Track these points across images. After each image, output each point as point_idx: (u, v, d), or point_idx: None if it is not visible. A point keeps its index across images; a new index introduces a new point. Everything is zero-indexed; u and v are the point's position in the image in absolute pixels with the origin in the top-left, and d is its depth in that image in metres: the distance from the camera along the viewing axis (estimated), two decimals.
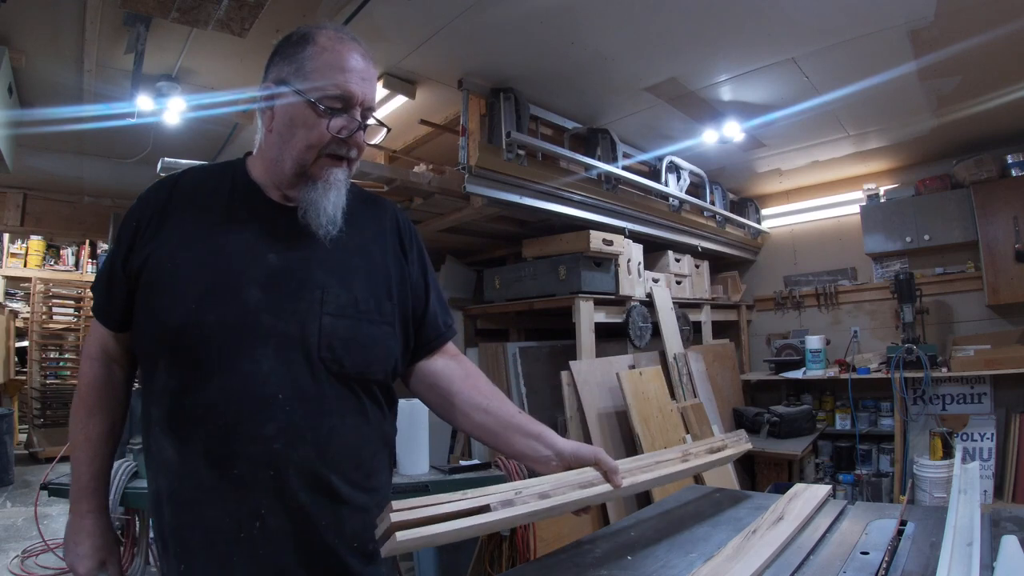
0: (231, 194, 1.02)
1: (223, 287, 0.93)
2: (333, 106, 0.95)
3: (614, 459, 1.02)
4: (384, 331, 1.02)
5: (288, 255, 0.97)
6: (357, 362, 0.97)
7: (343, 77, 0.95)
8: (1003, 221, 3.83)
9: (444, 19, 2.31)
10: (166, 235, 0.97)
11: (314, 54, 0.96)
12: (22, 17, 2.34)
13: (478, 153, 2.63)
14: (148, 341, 0.96)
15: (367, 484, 1.00)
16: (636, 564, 0.95)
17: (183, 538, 0.93)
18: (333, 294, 0.97)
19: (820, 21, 2.42)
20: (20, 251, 5.95)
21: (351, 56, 0.97)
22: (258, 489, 0.90)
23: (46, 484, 1.92)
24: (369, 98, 0.99)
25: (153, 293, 0.95)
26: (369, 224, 1.08)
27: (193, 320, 0.91)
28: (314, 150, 0.96)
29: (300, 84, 0.95)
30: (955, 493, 1.14)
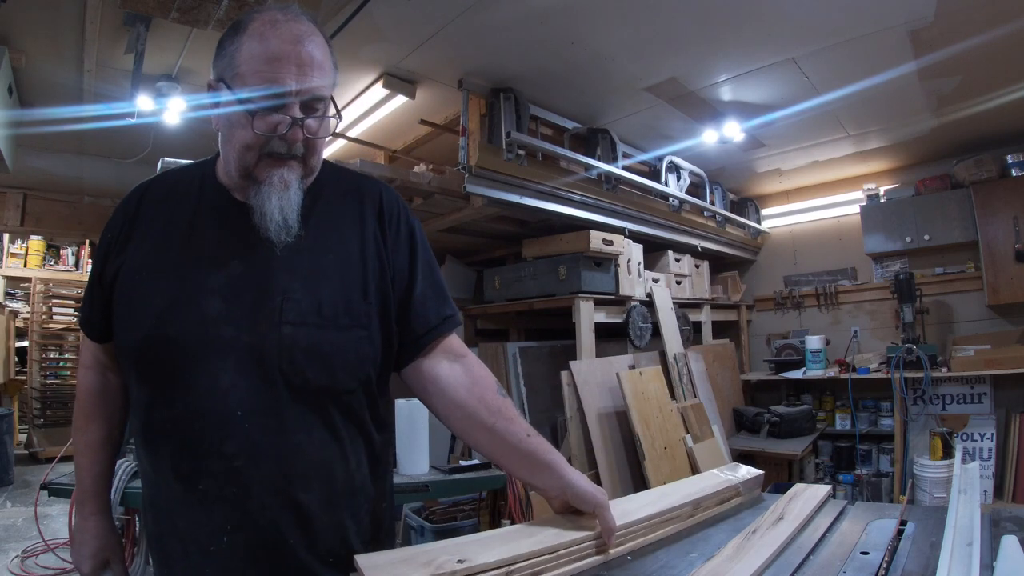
0: (198, 198, 0.96)
1: (184, 299, 0.89)
2: (263, 103, 0.86)
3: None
4: (354, 336, 0.93)
5: (251, 260, 0.91)
6: (321, 374, 0.90)
7: (272, 67, 0.85)
8: (1003, 221, 3.83)
9: (444, 19, 2.31)
10: (134, 246, 0.94)
11: (242, 44, 0.87)
12: (22, 17, 2.34)
13: (478, 153, 2.63)
14: (120, 353, 0.96)
15: (344, 502, 0.95)
16: (636, 564, 0.95)
17: (163, 545, 0.93)
18: (294, 300, 0.89)
19: (820, 21, 2.42)
20: (20, 251, 5.95)
21: (284, 42, 0.86)
22: (224, 505, 0.87)
23: (46, 484, 1.92)
24: (310, 87, 0.87)
25: (121, 307, 0.93)
26: (347, 215, 1.00)
27: (154, 334, 0.88)
28: (252, 151, 0.89)
29: (232, 80, 0.87)
30: (955, 493, 1.14)
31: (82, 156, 4.06)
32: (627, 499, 1.09)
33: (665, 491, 1.15)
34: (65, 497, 1.84)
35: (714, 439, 3.34)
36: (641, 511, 1.01)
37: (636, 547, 0.97)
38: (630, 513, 1.00)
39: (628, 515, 0.99)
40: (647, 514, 1.01)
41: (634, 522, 0.98)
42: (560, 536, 0.89)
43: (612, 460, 2.81)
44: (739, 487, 1.22)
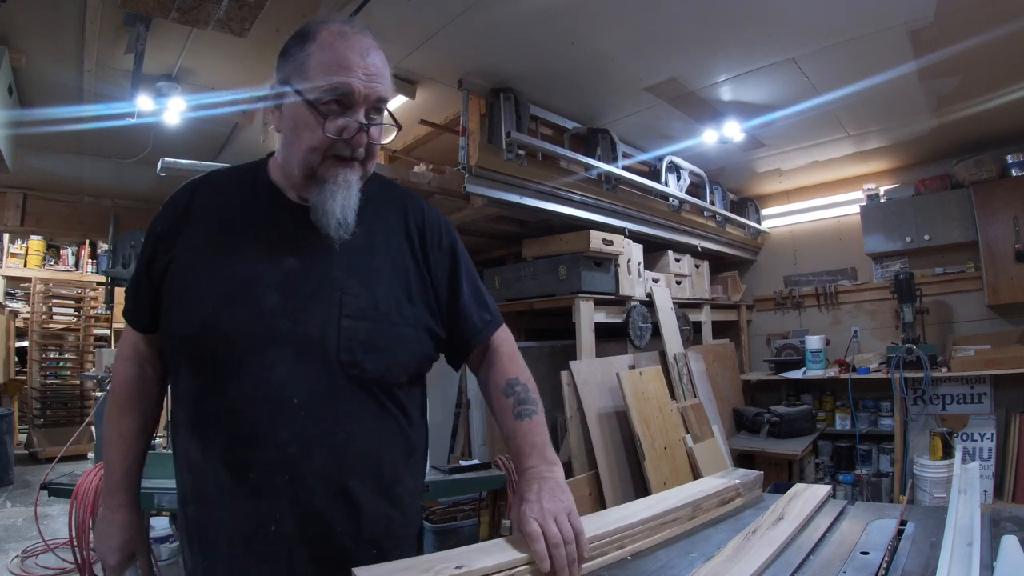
0: (251, 197, 1.01)
1: (240, 292, 0.92)
2: (331, 108, 0.92)
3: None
4: (406, 332, 0.99)
5: (307, 257, 0.95)
6: (377, 365, 0.95)
7: (342, 76, 0.91)
8: (1003, 221, 3.83)
9: (444, 19, 2.31)
10: (185, 241, 0.97)
11: (314, 51, 0.93)
12: (22, 17, 2.34)
13: (478, 153, 2.63)
14: (170, 344, 0.98)
15: (389, 492, 0.98)
16: (636, 564, 0.95)
17: (206, 535, 0.94)
18: (352, 295, 0.94)
19: (820, 21, 2.42)
20: (20, 251, 5.95)
21: (353, 52, 0.93)
22: (273, 494, 0.89)
23: (46, 484, 1.92)
24: (374, 95, 0.94)
25: (173, 299, 0.95)
26: (394, 222, 1.06)
27: (210, 325, 0.90)
28: (318, 152, 0.93)
29: (300, 84, 0.92)
30: (955, 493, 1.14)
31: (82, 156, 4.06)
32: (626, 506, 1.09)
33: (665, 495, 1.15)
34: (65, 497, 1.84)
35: (714, 439, 3.34)
36: (640, 514, 1.01)
37: (636, 550, 0.97)
38: (628, 516, 1.00)
39: (626, 518, 0.99)
40: (646, 516, 1.01)
41: (633, 524, 0.98)
42: None
43: (612, 460, 2.81)
44: (739, 487, 1.22)
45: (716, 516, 1.14)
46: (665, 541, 1.02)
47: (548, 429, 1.05)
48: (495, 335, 1.12)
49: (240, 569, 0.91)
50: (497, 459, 2.43)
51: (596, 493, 2.72)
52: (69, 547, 1.79)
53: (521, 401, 1.05)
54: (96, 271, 6.11)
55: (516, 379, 1.07)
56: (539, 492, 0.92)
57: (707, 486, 1.19)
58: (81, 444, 4.39)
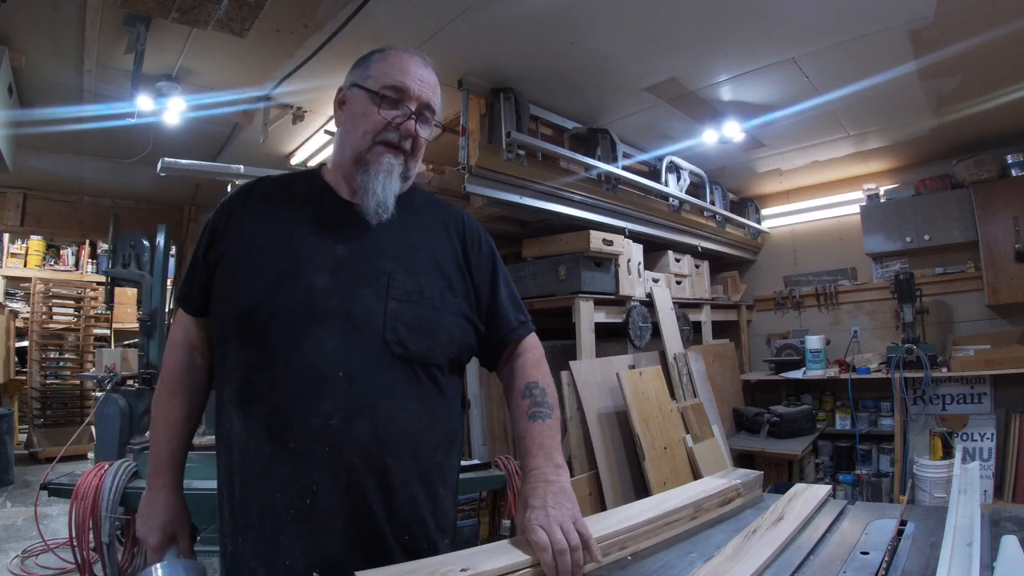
0: (305, 194, 1.10)
1: (292, 272, 0.99)
2: (388, 95, 1.04)
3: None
4: (448, 319, 1.05)
5: (356, 245, 1.03)
6: (420, 346, 1.00)
7: (400, 74, 1.05)
8: (1003, 221, 3.83)
9: (444, 19, 2.31)
10: (240, 232, 1.06)
11: (378, 59, 1.08)
12: (22, 17, 2.34)
13: (478, 153, 2.63)
14: (222, 321, 1.03)
15: (425, 478, 1.01)
16: (636, 564, 0.95)
17: (243, 512, 0.97)
18: (399, 280, 1.01)
19: (820, 21, 2.42)
20: (20, 251, 5.95)
21: (412, 63, 1.08)
22: (312, 464, 0.92)
23: (46, 484, 1.92)
24: (426, 97, 1.07)
25: (228, 279, 1.02)
26: (437, 225, 1.14)
27: (263, 301, 0.97)
28: (369, 136, 1.04)
29: (365, 82, 1.06)
30: (955, 493, 1.14)
31: (82, 156, 4.06)
32: (628, 506, 1.09)
33: (666, 496, 1.15)
34: (65, 497, 1.84)
35: (714, 439, 3.34)
36: (643, 515, 1.01)
37: (637, 550, 0.97)
38: (632, 518, 1.00)
39: (629, 519, 0.99)
40: (649, 517, 1.01)
41: (636, 524, 0.98)
42: None
43: (612, 460, 2.81)
44: (740, 487, 1.22)
45: (717, 516, 1.14)
46: (666, 541, 1.02)
47: None
48: (527, 338, 1.19)
49: (271, 546, 0.93)
50: (497, 459, 2.44)
51: (596, 493, 2.72)
52: (69, 547, 1.79)
53: (537, 404, 1.09)
54: (96, 271, 6.11)
55: (536, 383, 1.13)
56: (544, 498, 0.93)
57: (708, 486, 1.20)
58: (81, 444, 4.39)
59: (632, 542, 0.96)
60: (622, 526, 0.95)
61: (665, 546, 1.00)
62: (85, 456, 4.24)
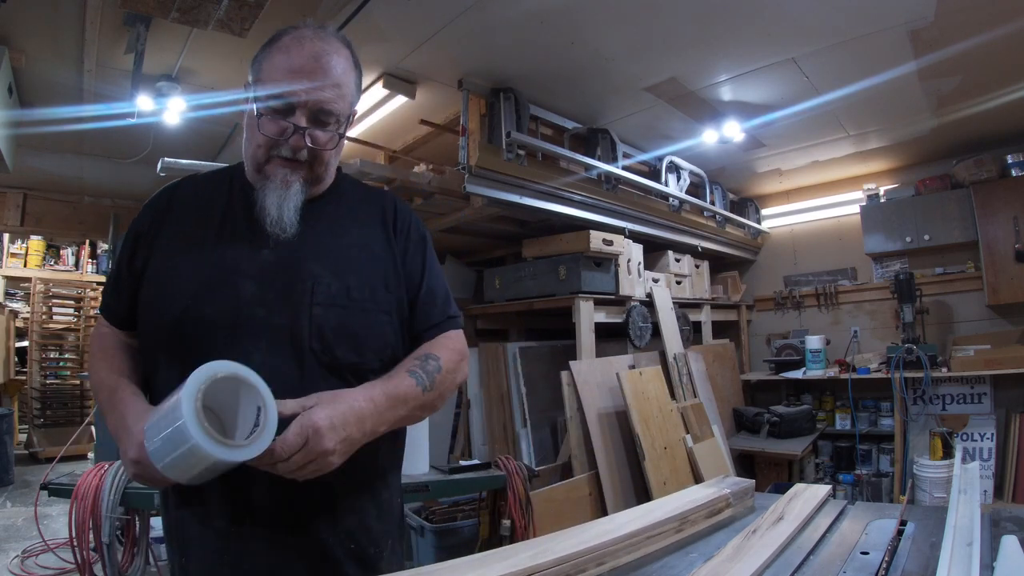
0: (229, 195, 1.04)
1: (218, 282, 0.94)
2: (275, 107, 0.94)
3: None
4: (379, 319, 1.00)
5: (282, 250, 0.97)
6: (349, 352, 0.96)
7: (286, 78, 0.94)
8: (1003, 221, 3.83)
9: (444, 19, 2.31)
10: (166, 238, 1.00)
11: (269, 55, 0.97)
12: (22, 17, 2.34)
13: (478, 153, 2.63)
14: (149, 335, 0.98)
15: (366, 483, 0.99)
16: (636, 564, 0.95)
17: (182, 531, 0.95)
18: (324, 284, 0.96)
19: (820, 21, 2.42)
20: (20, 251, 5.94)
21: (303, 56, 0.95)
22: (251, 482, 0.89)
23: (46, 484, 1.92)
24: (316, 100, 0.94)
25: (153, 290, 0.97)
26: (366, 219, 1.09)
27: (190, 313, 0.92)
28: (262, 150, 0.97)
29: (255, 86, 0.97)
30: (955, 493, 1.14)
31: (82, 156, 4.06)
32: (609, 518, 1.06)
33: (651, 507, 1.12)
34: (65, 497, 1.84)
35: (714, 439, 3.34)
36: (622, 529, 0.97)
37: (616, 565, 0.92)
38: (611, 531, 0.95)
39: (609, 533, 0.94)
40: (628, 532, 0.96)
41: (615, 539, 0.93)
42: (536, 559, 0.85)
43: (612, 460, 2.81)
44: (729, 497, 1.19)
45: (704, 528, 1.10)
46: (649, 556, 0.97)
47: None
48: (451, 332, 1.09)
49: (217, 563, 0.91)
50: (497, 459, 2.43)
51: (596, 493, 2.72)
52: (69, 547, 1.79)
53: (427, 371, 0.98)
54: (96, 271, 6.10)
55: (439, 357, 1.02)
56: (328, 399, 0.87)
57: (698, 495, 1.16)
58: (81, 444, 4.39)
59: (611, 557, 0.92)
60: (600, 540, 0.91)
61: (649, 560, 0.96)
62: (85, 456, 4.23)
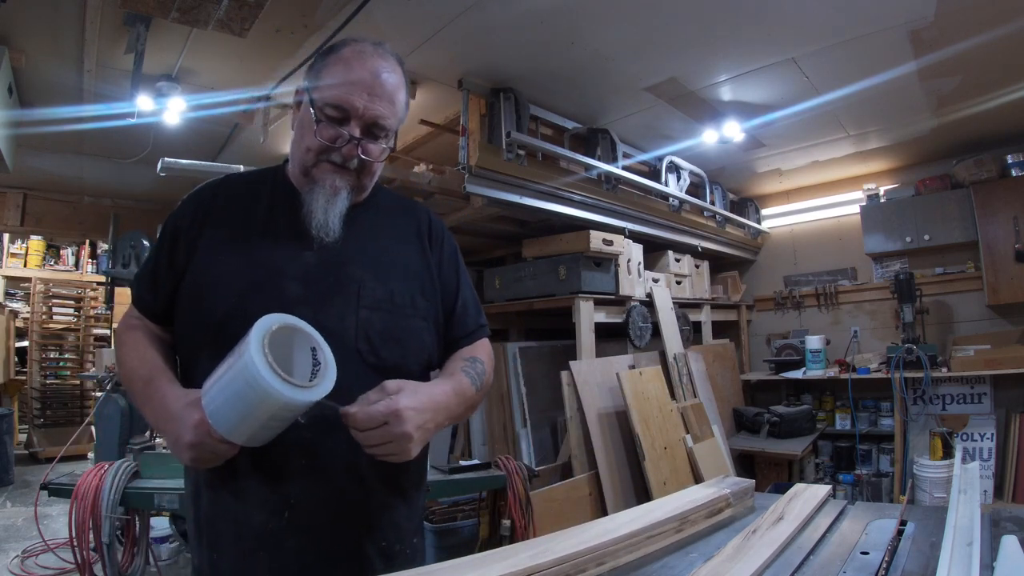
0: (271, 196, 1.07)
1: (265, 282, 0.97)
2: (331, 115, 0.98)
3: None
4: (419, 325, 1.05)
5: (325, 253, 1.01)
6: (393, 354, 1.00)
7: (345, 89, 0.98)
8: (1003, 221, 3.83)
9: (444, 19, 2.31)
10: (208, 236, 1.02)
11: (331, 63, 1.01)
12: (22, 17, 2.34)
13: (478, 153, 2.63)
14: (193, 331, 0.99)
15: (396, 481, 1.01)
16: (635, 564, 0.95)
17: (215, 528, 0.95)
18: (369, 288, 1.00)
19: (820, 21, 2.42)
20: (20, 251, 5.95)
21: (364, 70, 0.99)
22: (291, 477, 0.92)
23: (46, 484, 1.92)
24: (373, 115, 0.99)
25: (197, 288, 0.98)
26: (404, 229, 1.13)
27: (236, 312, 0.93)
28: (312, 153, 1.00)
29: (313, 92, 1.00)
30: (955, 493, 1.14)
31: (82, 156, 4.06)
32: (610, 518, 1.06)
33: (651, 507, 1.12)
34: (65, 497, 1.84)
35: (714, 439, 3.34)
36: (621, 529, 0.97)
37: (616, 566, 0.92)
38: (611, 531, 0.95)
39: (609, 533, 0.95)
40: (628, 532, 0.96)
41: (614, 539, 0.93)
42: (536, 559, 0.84)
43: (612, 460, 2.81)
44: (729, 497, 1.19)
45: (704, 528, 1.10)
46: (649, 556, 0.98)
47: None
48: (481, 340, 1.18)
49: (249, 561, 0.92)
50: (497, 459, 2.43)
51: (596, 493, 2.72)
52: (69, 547, 1.79)
53: (477, 372, 1.07)
54: (96, 271, 6.10)
55: (483, 361, 1.12)
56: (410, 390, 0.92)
57: (697, 495, 1.16)
58: (81, 444, 4.39)
59: (611, 557, 0.92)
60: (600, 540, 0.91)
61: (649, 560, 0.97)
62: (85, 456, 4.23)
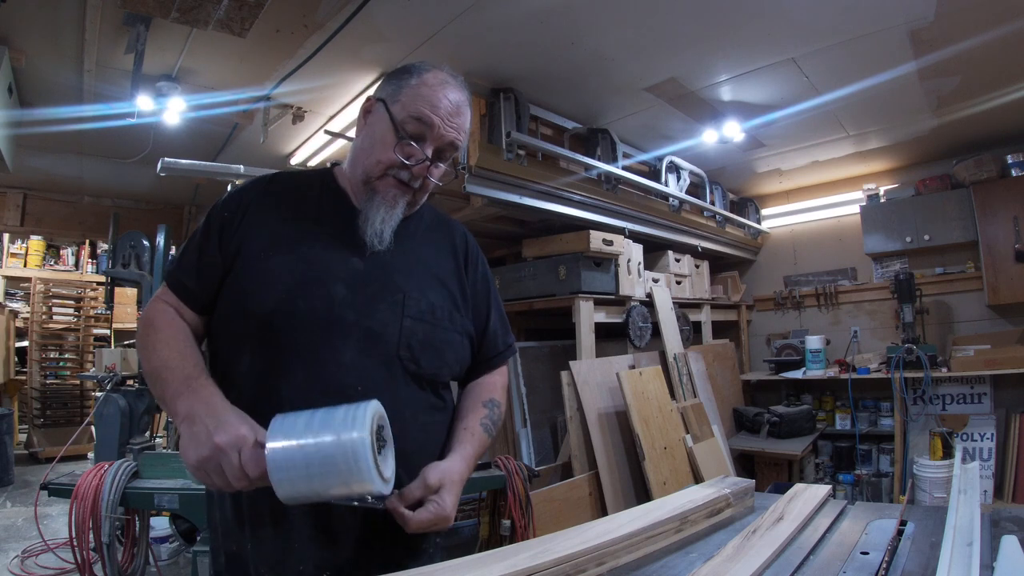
0: (320, 198, 1.09)
1: (312, 281, 0.99)
2: (411, 133, 1.01)
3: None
4: (455, 338, 1.10)
5: (370, 260, 1.04)
6: (432, 363, 1.04)
7: (429, 112, 1.01)
8: (1003, 221, 3.83)
9: (444, 19, 2.31)
10: (257, 230, 1.02)
11: (416, 84, 1.03)
12: (22, 17, 2.34)
13: (478, 153, 2.63)
14: (237, 325, 0.99)
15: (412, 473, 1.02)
16: (635, 564, 0.95)
17: (254, 516, 0.96)
18: (413, 299, 1.04)
19: (820, 21, 2.42)
20: (20, 251, 5.94)
21: (446, 98, 1.03)
22: None
23: (46, 484, 1.92)
24: (448, 138, 1.03)
25: (245, 281, 0.99)
26: (442, 243, 1.17)
27: (284, 307, 0.96)
28: (382, 167, 1.03)
29: (392, 104, 1.03)
30: (955, 493, 1.14)
31: (82, 156, 4.06)
32: (610, 518, 1.06)
33: (650, 507, 1.12)
34: (65, 497, 1.84)
35: (714, 439, 3.34)
36: (622, 529, 0.97)
37: (616, 565, 0.92)
38: (611, 531, 0.96)
39: (609, 533, 0.95)
40: (628, 531, 0.96)
41: (614, 539, 0.94)
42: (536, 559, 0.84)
43: (612, 460, 2.81)
44: (730, 497, 1.20)
45: (704, 528, 1.11)
46: (648, 556, 0.98)
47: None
48: (506, 364, 1.24)
49: (286, 545, 0.94)
50: (497, 459, 2.43)
51: (596, 493, 2.72)
52: (69, 547, 1.79)
53: (493, 420, 1.14)
54: (96, 271, 6.10)
55: (499, 402, 1.18)
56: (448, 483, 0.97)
57: (697, 495, 1.16)
58: (81, 444, 4.39)
59: (611, 557, 0.92)
60: (600, 540, 0.92)
61: (649, 560, 0.97)
62: (85, 456, 4.23)
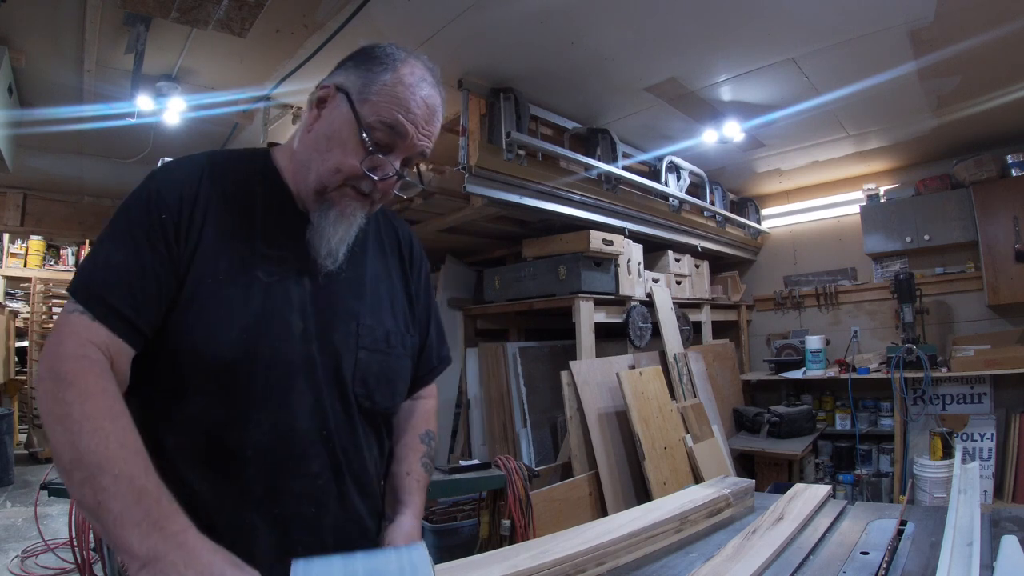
0: (264, 198, 0.92)
1: (271, 314, 0.85)
2: (379, 141, 0.87)
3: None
4: (406, 364, 1.01)
5: (318, 280, 0.91)
6: (385, 398, 0.97)
7: (403, 120, 0.87)
8: (1003, 221, 3.83)
9: (444, 19, 2.31)
10: (205, 240, 0.85)
11: (390, 80, 0.87)
12: (22, 17, 2.33)
13: (478, 153, 2.63)
14: (185, 368, 0.82)
15: (377, 508, 1.00)
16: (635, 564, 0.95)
17: None
18: (367, 327, 0.94)
19: (820, 21, 2.42)
20: (20, 251, 5.94)
21: (423, 101, 0.89)
22: (297, 527, 0.86)
23: (46, 484, 1.91)
24: (418, 149, 0.90)
25: (194, 314, 0.82)
26: (389, 247, 1.06)
27: (246, 352, 0.82)
28: (341, 176, 0.88)
29: (359, 102, 0.87)
30: (955, 493, 1.14)
31: (82, 156, 4.05)
32: (610, 518, 1.06)
33: (651, 507, 1.13)
34: (65, 497, 1.84)
35: (714, 439, 3.34)
36: (622, 529, 0.97)
37: (616, 566, 0.93)
38: (611, 531, 0.96)
39: (609, 533, 0.95)
40: (628, 532, 0.97)
41: (615, 540, 0.94)
42: (536, 559, 0.85)
43: (612, 460, 2.81)
44: (730, 497, 1.20)
45: (704, 528, 1.11)
46: (648, 556, 0.98)
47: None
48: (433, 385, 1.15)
49: None
50: (497, 459, 2.43)
51: (596, 493, 2.72)
52: (69, 547, 1.79)
53: (430, 456, 1.07)
54: None
55: (433, 434, 1.10)
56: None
57: (697, 496, 1.17)
58: None
59: (611, 557, 0.93)
60: (600, 540, 0.92)
61: (649, 560, 0.97)
62: None
